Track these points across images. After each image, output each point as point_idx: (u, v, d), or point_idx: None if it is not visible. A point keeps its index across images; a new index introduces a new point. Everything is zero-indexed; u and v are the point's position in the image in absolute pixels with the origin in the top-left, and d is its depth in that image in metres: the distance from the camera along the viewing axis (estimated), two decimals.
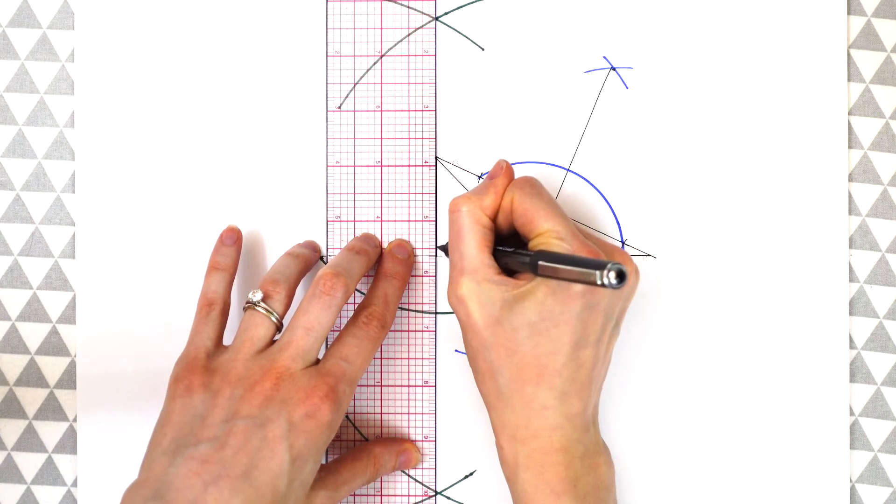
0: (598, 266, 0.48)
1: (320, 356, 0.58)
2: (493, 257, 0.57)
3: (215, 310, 0.59)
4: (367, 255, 0.60)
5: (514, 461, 0.56)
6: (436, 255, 0.63)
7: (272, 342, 0.57)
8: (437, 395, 0.63)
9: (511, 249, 0.57)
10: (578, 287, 0.53)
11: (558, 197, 0.63)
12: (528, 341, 0.54)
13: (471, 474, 0.63)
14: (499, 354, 0.55)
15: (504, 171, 0.58)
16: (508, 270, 0.56)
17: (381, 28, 0.63)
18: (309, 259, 0.61)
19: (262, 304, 0.57)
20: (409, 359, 0.63)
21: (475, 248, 0.56)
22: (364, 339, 0.58)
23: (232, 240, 0.61)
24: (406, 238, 0.63)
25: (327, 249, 0.63)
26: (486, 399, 0.57)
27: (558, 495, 0.55)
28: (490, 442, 0.59)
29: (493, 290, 0.55)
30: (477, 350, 0.56)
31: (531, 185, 0.57)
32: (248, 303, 0.58)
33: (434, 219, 0.63)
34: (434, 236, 0.63)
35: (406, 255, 0.62)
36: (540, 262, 0.52)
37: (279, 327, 0.58)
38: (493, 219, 0.58)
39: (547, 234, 0.55)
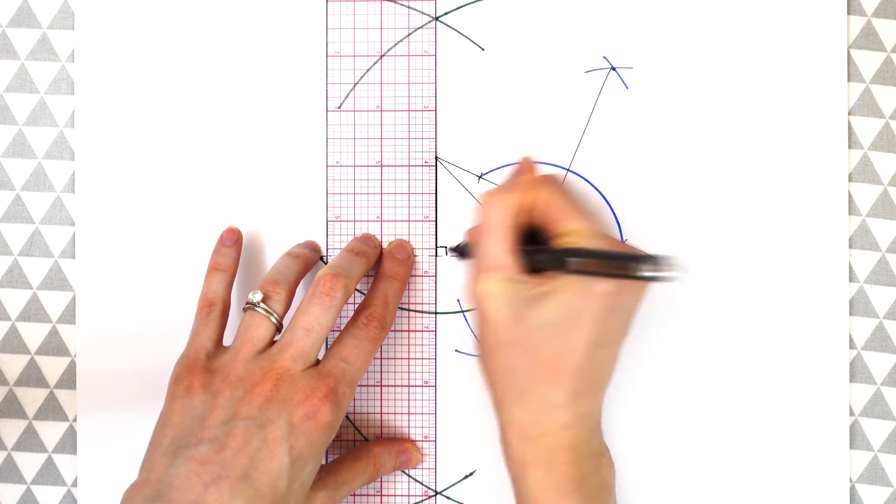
0: (635, 259, 0.48)
1: (320, 357, 0.58)
2: (518, 255, 0.56)
3: (215, 310, 0.59)
4: (366, 256, 0.60)
5: (521, 459, 0.56)
6: (436, 256, 0.63)
7: (272, 343, 0.57)
8: (437, 395, 0.63)
9: (536, 248, 0.56)
10: (601, 288, 0.53)
11: None
12: (547, 340, 0.54)
13: (471, 474, 0.63)
14: (516, 352, 0.55)
15: (530, 168, 0.58)
16: (530, 268, 0.56)
17: (381, 28, 0.63)
18: (309, 259, 0.61)
19: (262, 304, 0.57)
20: (409, 359, 0.63)
21: (502, 247, 0.56)
22: (364, 339, 0.58)
23: (232, 240, 0.61)
24: (406, 238, 0.63)
25: (327, 249, 0.63)
26: (497, 396, 0.57)
27: (564, 494, 0.55)
28: (490, 442, 0.59)
29: (517, 288, 0.55)
30: (493, 347, 0.56)
31: (555, 182, 0.57)
32: (248, 303, 0.58)
33: (434, 219, 0.63)
34: (434, 236, 0.63)
35: (406, 256, 0.62)
36: (572, 259, 0.52)
37: (279, 328, 0.58)
38: (520, 216, 0.58)
39: (576, 234, 0.55)
